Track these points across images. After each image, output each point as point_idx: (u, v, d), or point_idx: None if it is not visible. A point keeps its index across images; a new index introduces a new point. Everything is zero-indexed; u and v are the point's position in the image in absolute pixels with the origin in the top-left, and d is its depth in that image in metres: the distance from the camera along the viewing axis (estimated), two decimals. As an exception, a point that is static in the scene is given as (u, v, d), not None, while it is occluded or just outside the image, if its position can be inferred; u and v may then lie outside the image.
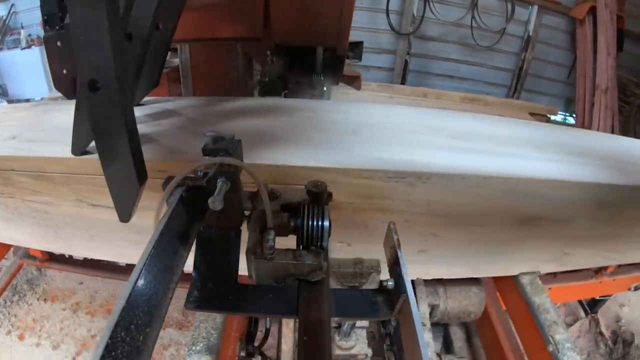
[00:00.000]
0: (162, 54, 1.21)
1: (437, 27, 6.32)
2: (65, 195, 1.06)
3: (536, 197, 1.15)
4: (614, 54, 5.74)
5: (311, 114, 1.35)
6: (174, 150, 1.02)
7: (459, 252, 1.29)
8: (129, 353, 0.46)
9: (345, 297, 0.79)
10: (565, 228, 1.30)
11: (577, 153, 1.33)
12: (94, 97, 0.72)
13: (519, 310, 1.37)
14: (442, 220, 1.16)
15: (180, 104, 1.35)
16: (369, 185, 1.03)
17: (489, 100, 5.06)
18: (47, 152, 1.01)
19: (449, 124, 1.39)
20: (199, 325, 1.04)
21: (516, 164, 1.17)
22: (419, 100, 4.39)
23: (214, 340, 1.00)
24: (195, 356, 0.96)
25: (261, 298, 0.76)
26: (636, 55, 6.43)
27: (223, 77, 2.22)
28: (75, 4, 0.64)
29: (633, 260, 1.66)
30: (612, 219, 1.32)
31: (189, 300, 0.75)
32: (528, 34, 6.43)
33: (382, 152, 1.09)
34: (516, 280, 1.40)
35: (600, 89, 5.69)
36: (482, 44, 6.37)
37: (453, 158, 1.12)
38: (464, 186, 1.07)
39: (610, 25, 5.76)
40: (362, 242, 1.17)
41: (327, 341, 0.64)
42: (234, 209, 0.74)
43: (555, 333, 1.23)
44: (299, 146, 1.09)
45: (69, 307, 1.35)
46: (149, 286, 0.54)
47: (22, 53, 5.84)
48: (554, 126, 1.74)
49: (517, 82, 6.71)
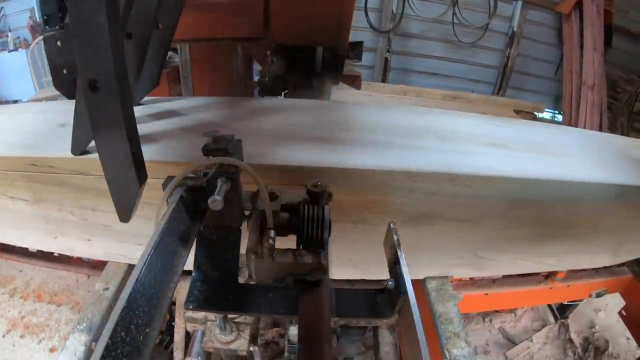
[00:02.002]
0: (162, 54, 1.21)
1: (418, 24, 6.23)
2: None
3: (422, 192, 1.03)
4: (601, 49, 5.62)
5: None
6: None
7: (344, 252, 1.18)
8: (129, 353, 0.47)
9: (345, 297, 0.79)
10: (471, 229, 1.18)
11: (500, 145, 1.22)
12: (94, 97, 0.72)
13: (424, 318, 1.25)
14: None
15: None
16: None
17: (471, 98, 5.01)
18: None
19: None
20: (87, 308, 1.15)
21: (399, 155, 1.06)
22: (398, 98, 4.32)
23: (96, 321, 1.13)
24: (77, 333, 1.08)
25: (261, 298, 0.76)
26: (626, 51, 6.34)
27: (223, 77, 2.22)
28: (75, 4, 0.64)
29: (576, 266, 1.57)
30: (536, 220, 1.21)
31: (189, 300, 0.75)
32: (512, 30, 6.34)
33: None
34: (423, 285, 1.29)
35: (587, 85, 5.58)
36: (464, 41, 6.27)
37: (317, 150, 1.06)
38: (330, 179, 0.98)
39: (597, 19, 5.63)
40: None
41: (327, 341, 0.64)
42: (234, 209, 0.74)
43: (453, 347, 1.10)
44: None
45: (7, 292, 1.50)
46: (149, 286, 0.54)
47: (9, 55, 5.97)
48: (509, 120, 1.59)
49: (502, 79, 6.63)
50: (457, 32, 6.19)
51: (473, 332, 3.00)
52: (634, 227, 1.38)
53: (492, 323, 3.09)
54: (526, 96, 6.58)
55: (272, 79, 1.78)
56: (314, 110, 1.40)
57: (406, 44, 6.40)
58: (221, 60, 2.17)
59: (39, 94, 5.21)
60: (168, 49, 1.23)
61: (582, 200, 1.19)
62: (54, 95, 5.32)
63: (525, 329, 3.05)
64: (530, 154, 1.22)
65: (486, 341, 2.97)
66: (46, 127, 1.14)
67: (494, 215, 1.16)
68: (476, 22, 6.21)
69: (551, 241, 1.32)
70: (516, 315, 3.11)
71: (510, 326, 3.08)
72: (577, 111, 5.62)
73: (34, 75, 5.31)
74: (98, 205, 1.07)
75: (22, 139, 1.07)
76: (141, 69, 1.12)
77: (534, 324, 3.06)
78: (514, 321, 3.11)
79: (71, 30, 0.66)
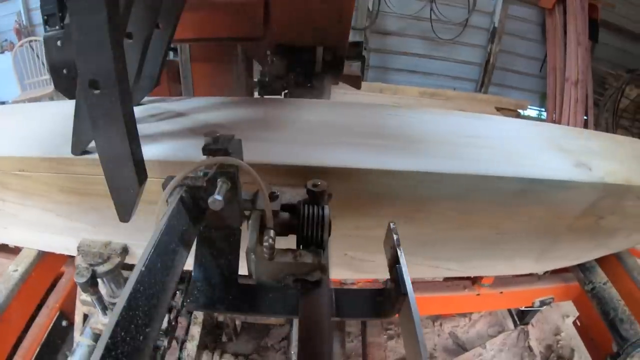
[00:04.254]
0: (162, 54, 1.21)
1: (396, 21, 6.16)
2: None
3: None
4: (586, 44, 5.48)
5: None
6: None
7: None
8: (129, 353, 0.47)
9: (345, 296, 0.79)
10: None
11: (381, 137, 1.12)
12: (94, 97, 0.72)
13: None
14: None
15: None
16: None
17: (451, 95, 4.94)
18: None
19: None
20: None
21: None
22: (373, 96, 4.22)
23: (1, 297, 1.28)
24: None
25: (261, 298, 0.76)
26: (615, 47, 6.23)
27: (223, 77, 2.22)
28: (75, 4, 0.64)
29: (492, 272, 1.44)
30: (410, 218, 1.09)
31: (189, 301, 0.75)
32: (494, 26, 6.23)
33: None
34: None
35: (570, 81, 5.44)
36: (444, 37, 6.18)
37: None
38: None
39: (581, 14, 5.49)
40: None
41: (327, 341, 0.64)
42: (234, 209, 0.74)
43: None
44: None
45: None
46: (149, 286, 0.54)
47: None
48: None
49: (484, 76, 6.53)
50: (436, 29, 6.10)
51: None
52: (559, 232, 1.26)
53: (442, 327, 2.89)
54: (511, 93, 6.49)
55: (272, 79, 1.78)
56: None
57: (384, 41, 6.31)
58: (221, 60, 2.17)
59: (22, 96, 5.35)
60: (168, 49, 1.23)
61: (471, 196, 1.05)
62: (36, 96, 5.47)
63: (479, 334, 2.85)
64: (417, 145, 1.10)
65: (433, 346, 2.78)
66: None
67: (357, 212, 1.04)
68: (455, 18, 6.12)
69: (442, 243, 1.21)
70: (471, 320, 2.92)
71: (462, 331, 2.88)
72: (561, 108, 5.49)
73: (17, 77, 5.45)
74: (6, 197, 1.09)
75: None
76: (141, 69, 1.12)
77: (489, 329, 2.87)
78: (468, 326, 2.90)
79: (71, 30, 0.66)
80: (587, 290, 1.64)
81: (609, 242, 1.45)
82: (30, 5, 6.16)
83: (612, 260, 1.63)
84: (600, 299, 1.58)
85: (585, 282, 1.66)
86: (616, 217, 1.26)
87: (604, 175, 1.14)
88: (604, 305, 1.55)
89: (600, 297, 1.58)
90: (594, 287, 1.62)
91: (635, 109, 5.59)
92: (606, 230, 1.33)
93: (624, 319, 1.47)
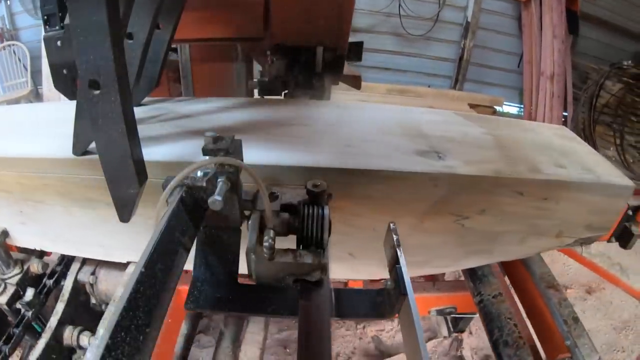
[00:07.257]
0: (162, 54, 1.21)
1: (365, 18, 6.02)
2: None
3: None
4: (562, 36, 5.24)
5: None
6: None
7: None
8: (129, 353, 0.47)
9: (345, 296, 0.79)
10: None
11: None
12: (94, 97, 0.72)
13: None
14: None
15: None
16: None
17: (421, 92, 4.79)
18: None
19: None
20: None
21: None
22: (341, 93, 4.15)
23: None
24: None
25: (261, 298, 0.76)
26: (598, 40, 5.99)
27: (223, 77, 2.22)
28: (75, 4, 0.64)
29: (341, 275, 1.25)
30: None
31: (189, 300, 0.75)
32: (467, 21, 6.05)
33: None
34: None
35: (545, 76, 5.22)
36: (414, 33, 6.03)
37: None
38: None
39: (557, 5, 5.25)
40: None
41: (327, 341, 0.64)
42: (234, 209, 0.74)
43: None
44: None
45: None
46: (149, 286, 0.54)
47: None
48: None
49: (458, 72, 6.36)
50: (406, 25, 5.97)
51: (340, 339, 2.63)
52: (404, 232, 0.90)
53: (365, 330, 2.75)
54: (489, 90, 6.31)
55: (272, 79, 1.78)
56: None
57: (354, 38, 6.31)
58: (221, 60, 2.17)
59: (1, 98, 5.42)
60: (169, 49, 1.23)
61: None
62: (15, 97, 5.56)
63: (407, 340, 2.70)
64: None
65: (353, 350, 2.60)
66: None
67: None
68: (426, 14, 5.97)
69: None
70: (399, 324, 2.73)
71: (388, 336, 2.72)
72: (537, 103, 5.33)
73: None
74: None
75: None
76: (142, 69, 1.12)
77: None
78: (395, 330, 2.73)
79: (71, 30, 0.66)
80: (475, 302, 1.35)
81: (493, 248, 1.16)
82: (13, 9, 6.04)
83: (518, 269, 1.36)
84: (486, 315, 1.27)
85: (474, 293, 1.36)
86: (489, 217, 1.05)
87: (459, 165, 0.96)
88: (489, 323, 1.24)
89: (487, 313, 1.27)
90: (482, 299, 1.31)
91: (617, 104, 5.24)
92: (479, 233, 1.09)
93: (509, 342, 1.16)
